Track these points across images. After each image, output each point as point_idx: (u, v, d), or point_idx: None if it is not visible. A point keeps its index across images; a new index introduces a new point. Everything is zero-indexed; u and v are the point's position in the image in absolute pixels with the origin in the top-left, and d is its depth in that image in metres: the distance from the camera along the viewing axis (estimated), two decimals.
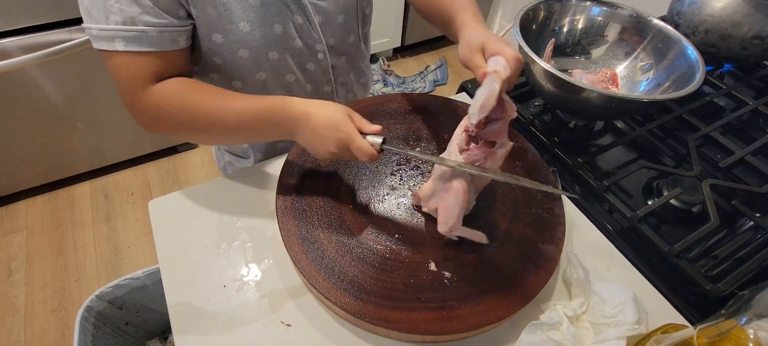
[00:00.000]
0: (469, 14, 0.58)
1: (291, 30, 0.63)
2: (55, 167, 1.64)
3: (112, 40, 0.51)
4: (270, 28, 0.61)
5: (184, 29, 0.56)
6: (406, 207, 0.60)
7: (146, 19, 0.51)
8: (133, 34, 0.51)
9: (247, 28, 0.59)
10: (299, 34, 0.65)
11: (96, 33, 0.51)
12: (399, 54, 2.46)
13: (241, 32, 0.59)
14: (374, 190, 0.62)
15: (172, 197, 0.65)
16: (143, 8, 0.51)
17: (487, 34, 0.53)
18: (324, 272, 0.52)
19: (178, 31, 0.55)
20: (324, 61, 0.71)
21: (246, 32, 0.60)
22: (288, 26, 0.63)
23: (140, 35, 0.51)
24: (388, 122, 0.71)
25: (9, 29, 1.21)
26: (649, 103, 0.70)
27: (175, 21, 0.54)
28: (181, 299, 0.54)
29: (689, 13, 0.90)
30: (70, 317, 1.38)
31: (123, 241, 1.57)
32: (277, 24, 0.62)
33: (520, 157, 0.68)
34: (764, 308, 0.45)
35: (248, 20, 0.59)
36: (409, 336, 0.49)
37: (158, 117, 0.56)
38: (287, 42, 0.64)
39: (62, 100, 1.44)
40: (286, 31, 0.63)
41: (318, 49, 0.69)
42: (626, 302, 0.53)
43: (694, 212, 0.68)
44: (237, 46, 0.61)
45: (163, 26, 0.53)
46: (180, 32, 0.55)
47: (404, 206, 0.61)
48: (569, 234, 0.64)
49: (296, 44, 0.65)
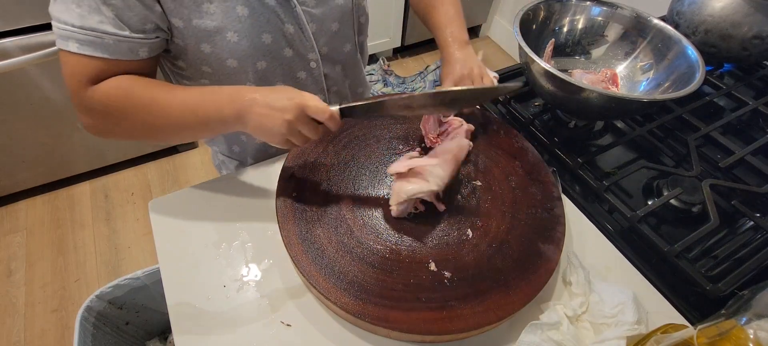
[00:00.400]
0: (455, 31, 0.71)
1: (280, 40, 0.63)
2: (55, 167, 1.64)
3: (67, 40, 0.50)
4: (258, 38, 0.60)
5: (148, 42, 0.54)
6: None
7: (105, 28, 0.50)
8: (87, 37, 0.50)
9: (234, 38, 0.59)
10: (290, 43, 0.64)
11: (54, 29, 0.51)
12: (399, 54, 2.46)
13: (228, 42, 0.59)
14: (374, 190, 0.62)
15: (172, 196, 0.65)
16: (105, 19, 0.50)
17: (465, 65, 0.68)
18: (324, 272, 0.52)
19: (139, 43, 0.53)
20: (316, 69, 0.70)
21: (234, 42, 0.59)
22: (278, 36, 0.62)
23: (95, 40, 0.50)
24: (388, 122, 0.71)
25: (9, 29, 1.21)
26: (649, 103, 0.70)
27: (139, 35, 0.53)
28: (181, 299, 0.54)
29: (689, 13, 0.90)
30: (70, 317, 1.38)
31: (123, 241, 1.58)
32: (266, 34, 0.61)
33: (520, 157, 0.68)
34: (764, 308, 0.45)
35: (236, 31, 0.58)
36: (409, 336, 0.49)
37: (103, 114, 0.54)
38: (277, 51, 0.64)
39: (62, 100, 1.44)
40: (276, 41, 0.62)
41: (310, 57, 0.68)
42: (626, 302, 0.53)
43: (694, 212, 0.68)
44: (225, 56, 0.60)
45: (123, 37, 0.51)
46: (141, 44, 0.54)
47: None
48: (569, 234, 0.64)
49: (286, 53, 0.65)
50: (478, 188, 0.63)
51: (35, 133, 1.48)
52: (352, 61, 0.77)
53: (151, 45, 0.55)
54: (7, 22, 1.20)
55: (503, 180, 0.64)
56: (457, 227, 0.58)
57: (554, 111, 0.84)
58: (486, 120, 0.73)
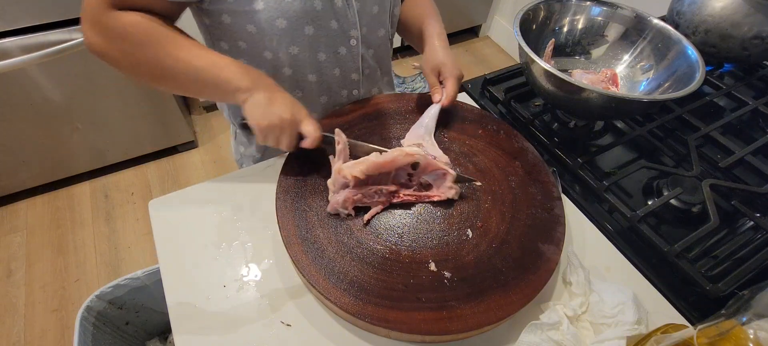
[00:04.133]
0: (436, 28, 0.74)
1: (329, 9, 0.64)
2: (55, 167, 1.64)
3: None
4: (310, 1, 0.62)
5: None
6: (407, 207, 0.60)
7: None
8: None
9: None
10: (336, 15, 0.65)
11: None
12: (399, 54, 2.46)
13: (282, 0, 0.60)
14: None
15: (172, 197, 0.65)
16: None
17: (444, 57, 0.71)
18: (324, 272, 0.52)
19: None
20: (355, 48, 0.71)
21: (287, 2, 0.60)
22: (327, 5, 0.63)
23: None
24: (388, 122, 0.72)
25: (9, 29, 1.21)
26: (649, 103, 0.70)
27: None
28: (181, 299, 0.55)
29: (689, 13, 0.90)
30: (70, 317, 1.38)
31: (123, 241, 1.58)
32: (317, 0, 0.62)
33: (520, 157, 0.68)
34: (764, 308, 0.45)
35: None
36: (408, 336, 0.49)
37: (120, 37, 0.55)
38: (324, 20, 0.65)
39: (62, 100, 1.44)
40: (325, 10, 0.63)
41: (352, 34, 0.69)
42: (626, 302, 0.53)
43: (694, 212, 0.68)
44: (276, 15, 0.61)
45: None
46: None
47: (404, 206, 0.61)
48: (569, 234, 0.64)
49: (332, 25, 0.66)
50: (478, 188, 0.63)
51: (35, 134, 1.48)
52: (384, 47, 0.78)
53: None
54: (7, 22, 1.20)
55: (503, 180, 0.65)
56: (457, 227, 0.58)
57: (554, 111, 0.84)
58: (486, 120, 0.74)
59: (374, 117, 0.73)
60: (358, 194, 0.57)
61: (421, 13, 0.78)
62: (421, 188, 0.62)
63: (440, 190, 0.61)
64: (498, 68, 0.96)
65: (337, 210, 0.57)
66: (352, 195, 0.57)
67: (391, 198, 0.60)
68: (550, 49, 0.83)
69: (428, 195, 0.61)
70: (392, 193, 0.60)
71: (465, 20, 2.51)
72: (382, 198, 0.59)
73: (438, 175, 0.61)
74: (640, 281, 0.60)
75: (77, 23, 1.27)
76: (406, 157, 0.59)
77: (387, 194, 0.60)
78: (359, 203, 0.58)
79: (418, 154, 0.59)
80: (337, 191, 0.58)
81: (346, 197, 0.57)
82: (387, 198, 0.60)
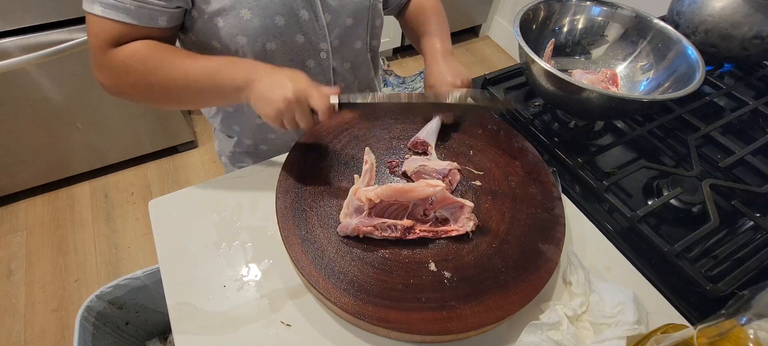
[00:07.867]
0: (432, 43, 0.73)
1: (293, 24, 0.64)
2: (55, 167, 1.64)
3: (92, 4, 0.54)
4: (271, 19, 0.62)
5: (167, 11, 0.57)
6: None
7: None
8: (110, 1, 0.54)
9: (247, 15, 0.60)
10: (302, 29, 0.65)
11: None
12: (399, 54, 2.46)
13: (241, 19, 0.60)
14: None
15: (172, 196, 0.65)
16: None
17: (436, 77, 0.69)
18: (324, 272, 0.52)
19: (159, 11, 0.56)
20: (326, 61, 0.71)
21: (246, 19, 0.60)
22: (291, 20, 0.63)
23: (117, 4, 0.54)
24: (388, 123, 0.71)
25: (9, 29, 1.21)
26: (649, 103, 0.70)
27: (161, 2, 0.56)
28: (181, 299, 0.54)
29: (689, 13, 0.90)
30: (70, 317, 1.38)
31: (123, 241, 1.58)
32: (279, 16, 0.62)
33: (520, 157, 0.68)
34: (764, 308, 0.45)
35: (250, 8, 0.60)
36: (408, 336, 0.49)
37: (124, 73, 0.57)
38: (288, 35, 0.65)
39: (62, 100, 1.44)
40: (288, 25, 0.63)
41: (321, 47, 0.69)
42: (626, 302, 0.53)
43: (694, 212, 0.68)
44: (235, 33, 0.61)
45: (144, 3, 0.55)
46: (161, 12, 0.57)
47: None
48: (569, 234, 0.64)
49: (297, 39, 0.66)
50: (478, 188, 0.63)
51: (35, 133, 1.48)
52: (361, 59, 0.77)
53: (171, 14, 0.58)
54: (7, 22, 1.20)
55: (503, 180, 0.65)
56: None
57: (554, 111, 0.84)
58: (486, 120, 0.73)
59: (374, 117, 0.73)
60: (369, 226, 0.54)
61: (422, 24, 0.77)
62: (437, 223, 0.58)
63: (459, 223, 0.57)
64: (498, 68, 0.96)
65: (347, 234, 0.55)
66: (362, 225, 0.54)
67: (406, 234, 0.55)
68: (550, 49, 0.83)
69: (446, 230, 0.57)
70: (407, 229, 0.56)
71: (465, 20, 2.51)
72: (396, 233, 0.55)
73: (455, 207, 0.57)
74: (640, 281, 0.60)
75: (77, 23, 1.27)
76: (427, 188, 0.55)
77: (402, 229, 0.55)
78: (370, 235, 0.55)
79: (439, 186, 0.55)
80: (350, 214, 0.56)
81: (356, 226, 0.54)
82: (402, 233, 0.55)
